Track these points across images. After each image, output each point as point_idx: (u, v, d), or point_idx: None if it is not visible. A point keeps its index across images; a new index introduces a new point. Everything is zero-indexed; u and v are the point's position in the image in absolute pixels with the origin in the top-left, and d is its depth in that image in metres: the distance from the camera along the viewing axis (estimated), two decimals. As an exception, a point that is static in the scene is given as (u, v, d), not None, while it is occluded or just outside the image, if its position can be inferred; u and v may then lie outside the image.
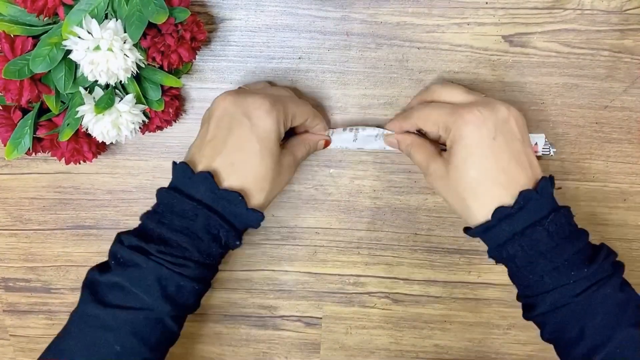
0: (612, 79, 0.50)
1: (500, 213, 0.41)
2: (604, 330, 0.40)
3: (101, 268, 0.43)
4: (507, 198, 0.41)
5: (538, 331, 0.46)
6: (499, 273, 0.57)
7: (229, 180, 0.40)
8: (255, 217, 0.42)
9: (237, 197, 0.40)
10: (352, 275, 0.58)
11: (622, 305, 0.41)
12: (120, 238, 0.42)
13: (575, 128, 0.52)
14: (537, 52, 0.49)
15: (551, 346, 0.46)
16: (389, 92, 0.51)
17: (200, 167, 0.40)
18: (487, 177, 0.41)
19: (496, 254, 0.44)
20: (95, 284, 0.42)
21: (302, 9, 0.49)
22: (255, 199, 0.42)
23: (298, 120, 0.45)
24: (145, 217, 0.43)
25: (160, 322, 0.42)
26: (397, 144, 0.50)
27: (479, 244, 0.53)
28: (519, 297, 0.46)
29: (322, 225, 0.56)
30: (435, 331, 0.60)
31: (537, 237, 0.40)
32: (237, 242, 0.42)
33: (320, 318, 0.60)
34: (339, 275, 0.58)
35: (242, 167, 0.40)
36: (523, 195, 0.41)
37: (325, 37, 0.50)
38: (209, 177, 0.39)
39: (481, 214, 0.42)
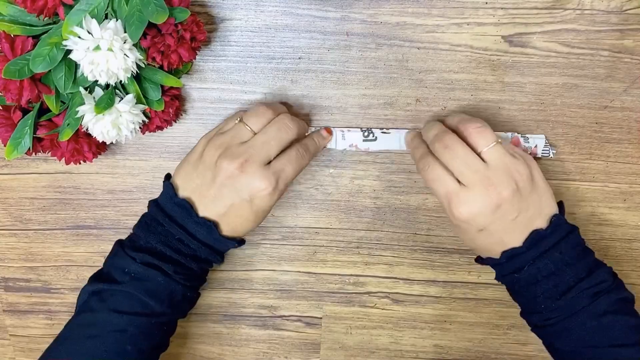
0: (612, 79, 0.50)
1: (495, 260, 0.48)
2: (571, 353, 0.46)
3: (106, 279, 0.47)
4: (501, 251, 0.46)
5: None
6: (499, 273, 0.57)
7: (224, 230, 0.47)
8: (241, 244, 0.50)
9: (234, 243, 0.48)
10: (352, 275, 0.58)
11: (594, 330, 0.44)
12: (128, 253, 0.46)
13: (575, 128, 0.52)
14: (536, 52, 0.49)
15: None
16: (389, 92, 0.51)
17: (202, 212, 0.46)
18: (484, 246, 0.47)
19: (501, 280, 0.49)
20: (105, 294, 0.46)
21: (302, 9, 0.49)
22: (243, 236, 0.50)
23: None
24: (147, 233, 0.47)
25: (165, 324, 0.48)
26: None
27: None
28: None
29: (322, 225, 0.56)
30: (435, 331, 0.60)
31: (520, 277, 0.46)
32: (222, 261, 0.50)
33: (320, 318, 0.60)
34: (339, 275, 0.58)
35: (237, 226, 0.47)
36: (509, 254, 0.46)
37: (325, 37, 0.50)
38: (213, 228, 0.46)
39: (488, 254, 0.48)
